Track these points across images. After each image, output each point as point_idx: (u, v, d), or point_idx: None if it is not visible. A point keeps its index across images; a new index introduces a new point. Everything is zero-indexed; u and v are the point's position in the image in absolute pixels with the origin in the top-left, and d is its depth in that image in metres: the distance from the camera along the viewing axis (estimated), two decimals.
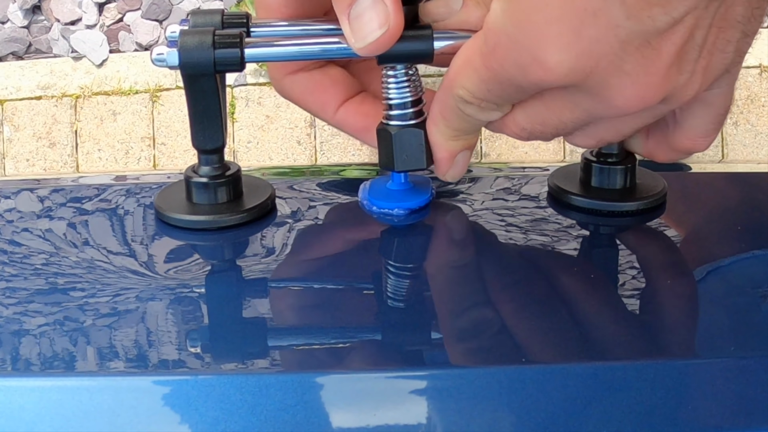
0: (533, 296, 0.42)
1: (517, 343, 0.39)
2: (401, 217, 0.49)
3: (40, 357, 0.38)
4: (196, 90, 0.47)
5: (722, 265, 0.46)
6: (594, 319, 0.41)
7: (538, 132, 0.43)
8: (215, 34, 0.46)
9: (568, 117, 0.41)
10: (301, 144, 1.81)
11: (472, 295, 0.43)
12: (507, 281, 0.44)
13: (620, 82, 0.38)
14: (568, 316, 0.41)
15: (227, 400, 0.36)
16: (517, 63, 0.39)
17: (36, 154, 1.83)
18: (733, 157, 1.77)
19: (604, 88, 0.38)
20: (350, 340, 0.40)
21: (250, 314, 0.42)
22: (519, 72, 0.39)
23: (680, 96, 0.39)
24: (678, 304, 0.42)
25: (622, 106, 0.39)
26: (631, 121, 0.42)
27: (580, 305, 0.42)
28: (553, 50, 0.37)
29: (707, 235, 0.50)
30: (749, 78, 1.78)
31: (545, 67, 0.38)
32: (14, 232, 0.50)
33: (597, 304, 0.43)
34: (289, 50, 0.47)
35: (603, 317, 0.41)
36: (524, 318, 0.40)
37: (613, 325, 0.41)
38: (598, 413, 0.36)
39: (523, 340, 0.39)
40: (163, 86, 1.84)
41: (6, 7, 1.89)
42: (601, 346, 0.40)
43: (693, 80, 0.39)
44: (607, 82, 0.38)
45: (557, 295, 0.43)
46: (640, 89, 0.38)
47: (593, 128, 0.43)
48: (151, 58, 0.46)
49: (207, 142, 0.48)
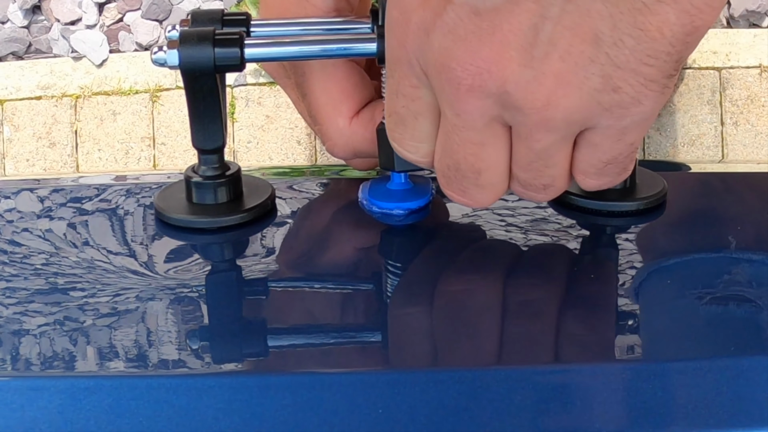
0: (533, 296, 0.42)
1: (517, 344, 0.39)
2: (401, 217, 0.49)
3: (40, 357, 0.38)
4: (195, 90, 0.47)
5: (722, 265, 0.46)
6: (594, 320, 0.41)
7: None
8: (215, 33, 0.46)
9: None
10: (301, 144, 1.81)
11: (471, 296, 0.43)
12: (507, 281, 0.44)
13: (456, 46, 0.37)
14: (568, 316, 0.41)
15: (227, 400, 0.36)
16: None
17: (36, 154, 1.83)
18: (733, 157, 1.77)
19: (446, 57, 0.38)
20: (350, 341, 0.40)
21: (250, 314, 0.42)
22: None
23: (527, 95, 0.37)
24: (678, 304, 0.42)
25: (462, 76, 0.37)
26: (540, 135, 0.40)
27: (580, 305, 0.42)
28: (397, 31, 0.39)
29: (707, 235, 0.49)
30: (749, 78, 1.79)
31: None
32: (14, 232, 0.50)
33: (597, 304, 0.43)
34: (289, 50, 0.47)
35: (603, 317, 0.41)
36: (524, 318, 0.40)
37: (613, 325, 0.41)
38: (598, 413, 0.36)
39: (523, 340, 0.39)
40: (163, 86, 1.84)
41: (6, 7, 1.88)
42: (601, 346, 0.40)
43: (542, 82, 0.37)
44: (447, 49, 0.37)
45: (557, 295, 0.43)
46: (474, 57, 0.37)
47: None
48: (151, 58, 0.46)
49: (207, 142, 0.48)
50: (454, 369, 0.37)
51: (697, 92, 1.79)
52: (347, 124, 0.49)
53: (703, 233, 0.50)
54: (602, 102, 0.37)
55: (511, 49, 0.36)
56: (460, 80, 0.38)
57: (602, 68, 0.36)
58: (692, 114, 1.78)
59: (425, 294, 0.43)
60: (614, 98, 0.37)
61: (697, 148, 1.78)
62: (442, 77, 0.38)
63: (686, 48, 0.36)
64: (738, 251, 0.47)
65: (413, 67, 0.39)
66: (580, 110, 0.37)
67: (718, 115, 1.78)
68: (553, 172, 0.41)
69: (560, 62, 0.36)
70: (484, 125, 0.39)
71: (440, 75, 0.38)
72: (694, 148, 1.78)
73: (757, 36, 1.80)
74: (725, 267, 0.45)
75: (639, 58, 0.36)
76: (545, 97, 0.37)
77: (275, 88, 1.81)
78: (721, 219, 0.51)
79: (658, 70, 0.36)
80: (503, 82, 0.37)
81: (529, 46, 0.36)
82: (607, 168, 0.41)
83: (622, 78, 0.36)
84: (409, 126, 0.42)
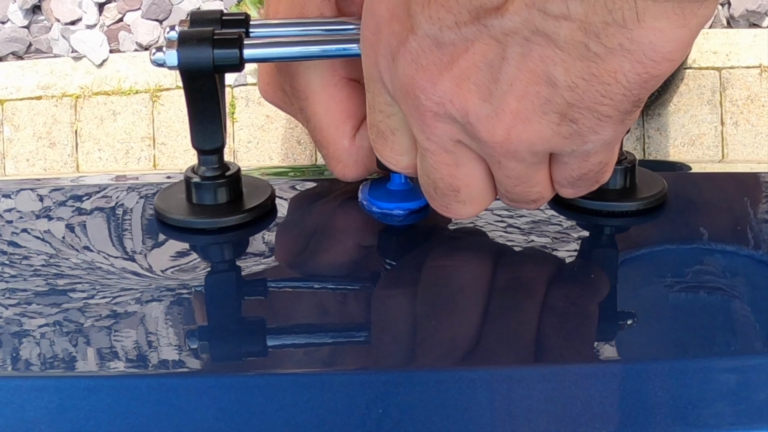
0: (533, 297, 0.42)
1: (517, 344, 0.39)
2: (401, 218, 0.49)
3: (40, 357, 0.38)
4: (195, 90, 0.47)
5: (722, 265, 0.46)
6: (593, 320, 0.41)
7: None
8: (214, 34, 0.46)
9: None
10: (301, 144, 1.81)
11: (471, 296, 0.43)
12: (507, 282, 0.44)
13: (419, 75, 0.38)
14: (568, 316, 0.41)
15: (227, 400, 0.36)
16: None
17: (36, 154, 1.83)
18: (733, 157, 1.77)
19: (410, 84, 0.38)
20: (350, 341, 0.40)
21: (250, 315, 0.42)
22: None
23: (488, 128, 0.38)
24: (678, 304, 0.42)
25: (426, 104, 0.38)
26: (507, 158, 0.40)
27: (580, 306, 0.42)
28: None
29: (707, 235, 0.49)
30: (749, 78, 1.78)
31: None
32: (14, 232, 0.50)
33: (597, 304, 0.43)
34: (289, 51, 0.47)
35: (603, 318, 0.41)
36: (525, 318, 0.40)
37: (613, 325, 0.41)
38: (597, 413, 0.36)
39: (523, 340, 0.39)
40: (163, 86, 1.84)
41: (6, 7, 1.88)
42: (601, 346, 0.40)
43: (501, 118, 0.37)
44: (411, 77, 0.38)
45: (557, 295, 0.43)
46: (435, 87, 0.38)
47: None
48: (150, 58, 0.46)
49: (207, 143, 0.48)
50: (454, 369, 0.37)
51: (697, 92, 1.79)
52: (352, 142, 0.50)
53: (703, 233, 0.50)
54: (561, 133, 0.38)
55: (470, 83, 0.37)
56: (425, 108, 0.38)
57: (558, 107, 0.37)
58: (692, 114, 1.78)
59: (425, 294, 0.43)
60: (573, 128, 0.37)
61: (697, 148, 1.78)
62: (409, 103, 0.39)
63: (645, 91, 0.36)
64: (738, 251, 0.47)
65: (385, 85, 0.40)
66: (541, 142, 0.38)
67: (718, 115, 1.78)
68: (538, 188, 0.42)
69: (517, 101, 0.37)
70: (455, 146, 0.40)
71: (406, 100, 0.39)
72: (694, 148, 1.78)
73: (757, 36, 1.80)
74: (725, 267, 0.45)
75: (594, 98, 0.36)
76: (505, 131, 0.38)
77: None
78: (721, 219, 0.51)
79: (615, 109, 0.37)
80: (465, 112, 0.38)
81: (488, 82, 0.37)
82: (579, 182, 0.42)
83: (578, 113, 0.37)
84: (388, 140, 0.43)
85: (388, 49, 0.38)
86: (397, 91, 0.39)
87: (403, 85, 0.38)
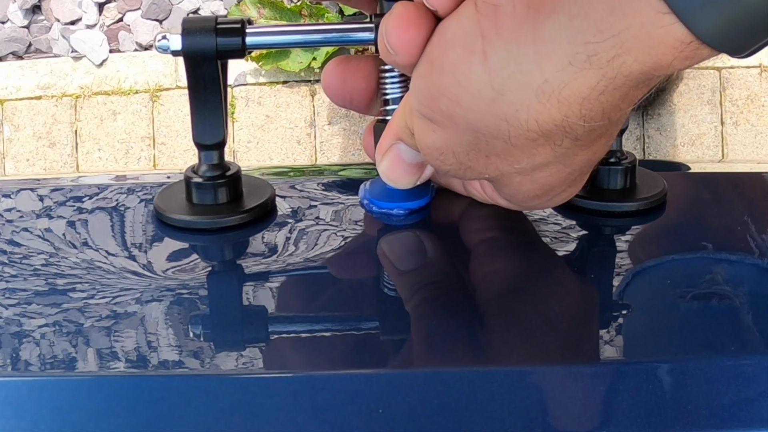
0: (533, 297, 0.42)
1: (517, 343, 0.39)
2: (401, 217, 0.49)
3: (40, 357, 0.38)
4: (197, 77, 0.47)
5: (722, 265, 0.46)
6: (593, 320, 0.41)
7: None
8: (217, 20, 0.46)
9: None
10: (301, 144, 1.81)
11: (471, 296, 0.43)
12: (507, 281, 0.44)
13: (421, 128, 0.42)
14: (568, 316, 0.41)
15: (227, 400, 0.36)
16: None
17: (36, 154, 1.83)
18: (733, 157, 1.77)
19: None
20: (350, 341, 0.40)
21: (251, 315, 0.42)
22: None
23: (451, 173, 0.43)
24: (678, 304, 0.42)
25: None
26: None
27: (580, 306, 0.42)
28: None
29: (707, 235, 0.49)
30: (749, 78, 1.78)
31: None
32: (14, 232, 0.50)
33: (597, 304, 0.43)
34: (290, 38, 0.47)
35: (602, 318, 0.41)
36: (525, 318, 0.40)
37: (613, 325, 0.41)
38: (597, 413, 0.36)
39: (523, 340, 0.39)
40: (163, 86, 1.84)
41: (6, 6, 1.88)
42: (601, 346, 0.40)
43: (458, 172, 0.42)
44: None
45: (557, 295, 0.43)
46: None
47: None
48: (155, 45, 0.47)
49: (207, 137, 0.48)
50: (454, 369, 0.37)
51: (697, 92, 1.79)
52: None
53: (703, 233, 0.50)
54: (501, 173, 0.42)
55: (437, 151, 0.42)
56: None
57: (502, 173, 0.41)
58: (692, 114, 1.78)
59: (425, 294, 0.43)
60: (513, 173, 0.42)
61: (697, 148, 1.78)
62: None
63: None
64: (738, 251, 0.47)
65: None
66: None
67: (718, 115, 1.78)
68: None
69: (467, 167, 0.42)
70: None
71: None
72: (694, 148, 1.78)
73: None
74: (725, 267, 0.45)
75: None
76: (453, 176, 0.46)
77: (275, 88, 1.81)
78: (721, 219, 0.51)
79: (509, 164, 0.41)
80: (437, 157, 0.42)
81: (442, 155, 0.42)
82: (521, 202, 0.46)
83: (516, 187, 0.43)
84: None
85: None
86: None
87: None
